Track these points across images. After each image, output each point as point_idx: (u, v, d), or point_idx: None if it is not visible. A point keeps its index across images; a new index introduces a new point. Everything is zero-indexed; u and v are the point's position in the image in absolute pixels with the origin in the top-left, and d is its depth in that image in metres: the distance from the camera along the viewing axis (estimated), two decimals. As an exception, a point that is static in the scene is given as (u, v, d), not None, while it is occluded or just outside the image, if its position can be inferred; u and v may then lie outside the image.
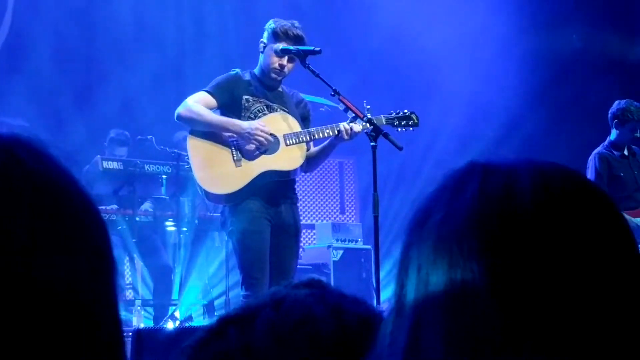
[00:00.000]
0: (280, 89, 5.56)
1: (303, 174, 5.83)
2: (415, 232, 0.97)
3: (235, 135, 5.34)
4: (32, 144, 0.79)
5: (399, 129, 5.65)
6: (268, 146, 5.32)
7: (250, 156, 5.34)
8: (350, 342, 0.99)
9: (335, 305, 1.03)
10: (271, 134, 5.36)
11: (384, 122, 5.54)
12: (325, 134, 5.41)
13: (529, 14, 10.15)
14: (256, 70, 5.52)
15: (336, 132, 5.34)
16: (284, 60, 5.38)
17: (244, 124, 5.30)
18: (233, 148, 5.36)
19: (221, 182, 5.33)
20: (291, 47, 5.34)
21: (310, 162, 5.60)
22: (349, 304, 1.05)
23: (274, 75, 5.42)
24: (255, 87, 5.46)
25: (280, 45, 5.36)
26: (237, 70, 5.55)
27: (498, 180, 0.95)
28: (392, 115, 5.65)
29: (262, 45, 5.45)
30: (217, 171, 5.34)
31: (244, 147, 5.34)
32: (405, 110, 5.68)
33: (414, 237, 0.97)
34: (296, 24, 5.44)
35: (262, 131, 5.28)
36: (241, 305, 1.13)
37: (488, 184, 0.95)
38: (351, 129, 5.29)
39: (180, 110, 5.33)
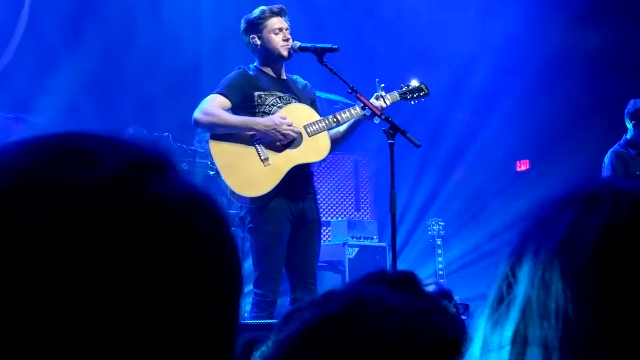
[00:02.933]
0: (284, 77, 5.52)
1: (323, 162, 5.78)
2: (533, 240, 0.96)
3: (257, 134, 5.27)
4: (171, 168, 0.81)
5: (412, 102, 5.65)
6: (295, 137, 5.29)
7: (276, 153, 5.29)
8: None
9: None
10: None
11: (399, 98, 5.56)
12: (344, 117, 5.38)
13: (546, 12, 10.12)
14: (259, 65, 5.48)
15: (358, 112, 5.34)
16: (285, 33, 5.38)
17: (267, 121, 5.23)
18: (257, 147, 5.28)
19: (253, 185, 5.23)
20: (309, 45, 5.34)
21: (334, 144, 5.55)
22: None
23: (285, 54, 5.37)
24: (264, 81, 5.41)
25: (298, 43, 5.36)
26: (242, 66, 5.50)
27: (629, 209, 0.93)
28: (404, 89, 5.64)
29: (255, 39, 5.41)
30: (247, 173, 5.24)
31: (268, 145, 5.28)
32: (414, 81, 5.69)
33: (529, 245, 0.96)
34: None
35: (288, 124, 5.23)
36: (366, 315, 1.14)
37: (619, 210, 0.93)
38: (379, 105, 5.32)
39: (199, 116, 5.24)
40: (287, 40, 5.37)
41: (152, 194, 0.76)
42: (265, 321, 4.95)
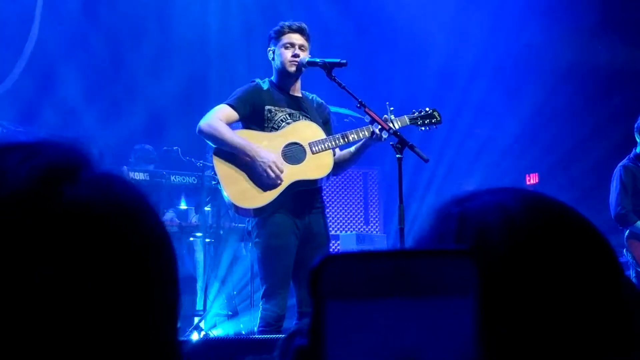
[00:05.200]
0: (300, 94, 5.54)
1: (328, 180, 5.71)
2: None
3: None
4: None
5: (422, 128, 5.60)
6: (271, 184, 5.26)
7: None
8: None
9: None
10: (295, 143, 5.35)
11: (408, 122, 5.50)
12: (351, 138, 5.36)
13: (556, 26, 10.12)
14: (273, 79, 5.50)
15: (370, 133, 5.30)
16: (296, 49, 5.38)
17: (262, 154, 5.25)
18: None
19: (251, 196, 5.27)
20: (317, 60, 5.34)
21: (339, 165, 5.55)
22: None
23: (292, 69, 5.39)
24: (276, 96, 5.43)
25: (306, 58, 5.36)
26: (257, 80, 5.53)
27: (471, 229, 0.98)
28: (415, 114, 5.59)
29: (270, 52, 5.48)
30: (246, 185, 5.28)
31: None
32: (427, 108, 5.63)
33: None
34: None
35: (273, 169, 5.24)
36: None
37: (463, 234, 0.98)
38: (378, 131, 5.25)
39: (202, 125, 5.30)
40: (295, 56, 5.38)
41: (66, 202, 0.76)
42: (269, 336, 4.95)
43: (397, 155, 5.12)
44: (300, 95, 5.55)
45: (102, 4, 9.89)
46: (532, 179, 10.60)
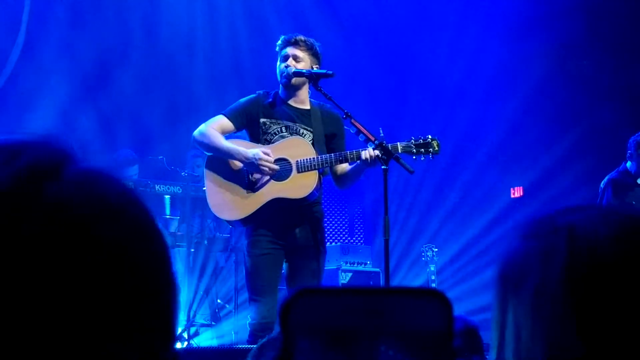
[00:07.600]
0: (305, 106, 5.50)
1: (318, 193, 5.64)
2: (511, 292, 1.04)
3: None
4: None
5: (415, 157, 5.38)
6: (274, 174, 5.30)
7: (261, 182, 5.34)
8: None
9: None
10: (284, 159, 5.34)
11: (400, 150, 5.31)
12: (341, 159, 5.33)
13: (541, 40, 10.17)
14: (278, 90, 5.51)
15: (354, 158, 5.26)
16: (288, 61, 5.39)
17: (249, 153, 5.28)
18: (246, 174, 5.37)
19: (230, 208, 5.37)
20: (304, 70, 5.34)
21: (345, 180, 5.55)
22: None
23: (284, 81, 5.40)
24: (275, 108, 5.43)
25: (292, 69, 5.37)
26: (260, 92, 5.53)
27: (583, 245, 1.01)
28: (412, 142, 5.38)
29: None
30: (228, 197, 5.38)
31: (256, 174, 5.35)
32: (429, 136, 5.42)
33: (509, 298, 1.04)
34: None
35: (265, 161, 5.27)
36: None
37: (575, 249, 1.01)
38: (373, 155, 5.15)
39: (196, 134, 5.38)
40: (287, 66, 5.38)
41: (48, 200, 0.75)
42: (251, 346, 4.95)
43: (383, 167, 5.12)
44: (306, 106, 5.52)
45: (89, 13, 9.87)
46: (516, 192, 10.62)
